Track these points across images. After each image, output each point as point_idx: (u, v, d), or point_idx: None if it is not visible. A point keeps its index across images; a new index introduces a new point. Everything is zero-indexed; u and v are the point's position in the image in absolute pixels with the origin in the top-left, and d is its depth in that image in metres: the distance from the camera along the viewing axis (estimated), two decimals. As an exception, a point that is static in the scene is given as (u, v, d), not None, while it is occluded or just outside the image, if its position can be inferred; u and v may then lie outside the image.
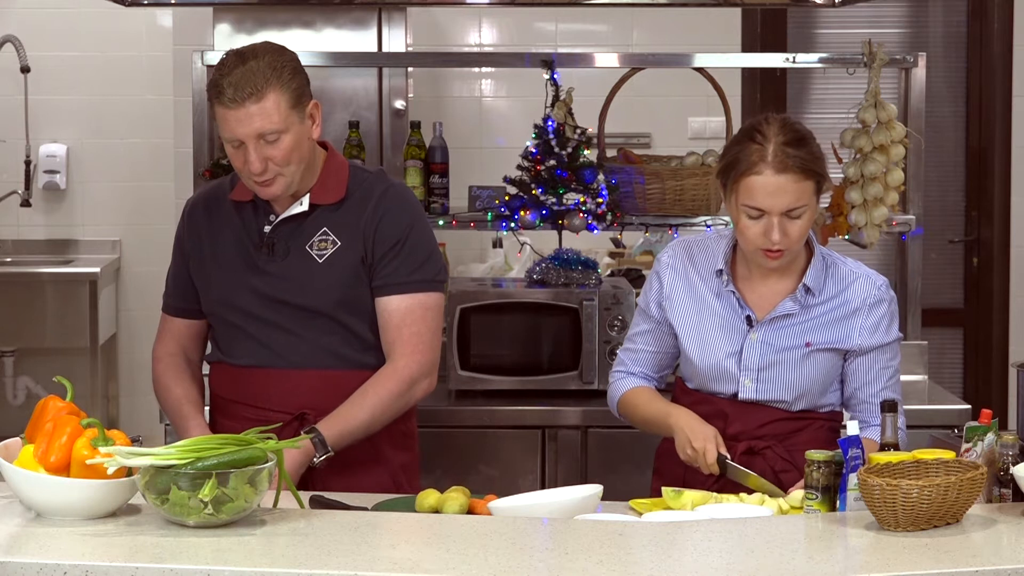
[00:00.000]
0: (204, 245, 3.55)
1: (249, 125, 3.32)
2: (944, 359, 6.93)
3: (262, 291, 3.47)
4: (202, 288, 3.56)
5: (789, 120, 3.34)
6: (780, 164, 3.25)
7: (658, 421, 3.45)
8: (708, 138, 6.68)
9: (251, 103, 3.30)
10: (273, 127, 3.33)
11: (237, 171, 3.43)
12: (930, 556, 2.60)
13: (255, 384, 3.49)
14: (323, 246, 3.47)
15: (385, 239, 3.46)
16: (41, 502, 2.77)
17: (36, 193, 7.06)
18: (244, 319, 3.50)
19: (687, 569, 2.60)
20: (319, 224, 3.48)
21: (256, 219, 3.51)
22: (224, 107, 3.32)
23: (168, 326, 3.65)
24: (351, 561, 2.55)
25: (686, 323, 3.47)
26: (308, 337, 3.47)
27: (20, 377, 6.99)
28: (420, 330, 3.48)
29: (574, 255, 4.58)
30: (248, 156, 3.34)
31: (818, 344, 3.40)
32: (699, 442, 3.31)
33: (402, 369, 3.46)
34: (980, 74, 6.94)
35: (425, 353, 3.48)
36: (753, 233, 3.30)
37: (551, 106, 4.59)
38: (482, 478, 4.28)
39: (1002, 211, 6.95)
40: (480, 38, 7.07)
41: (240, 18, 6.24)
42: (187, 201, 3.68)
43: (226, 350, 3.55)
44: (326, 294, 3.45)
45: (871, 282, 3.42)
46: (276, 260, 3.48)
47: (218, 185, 3.65)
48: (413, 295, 3.48)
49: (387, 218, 3.47)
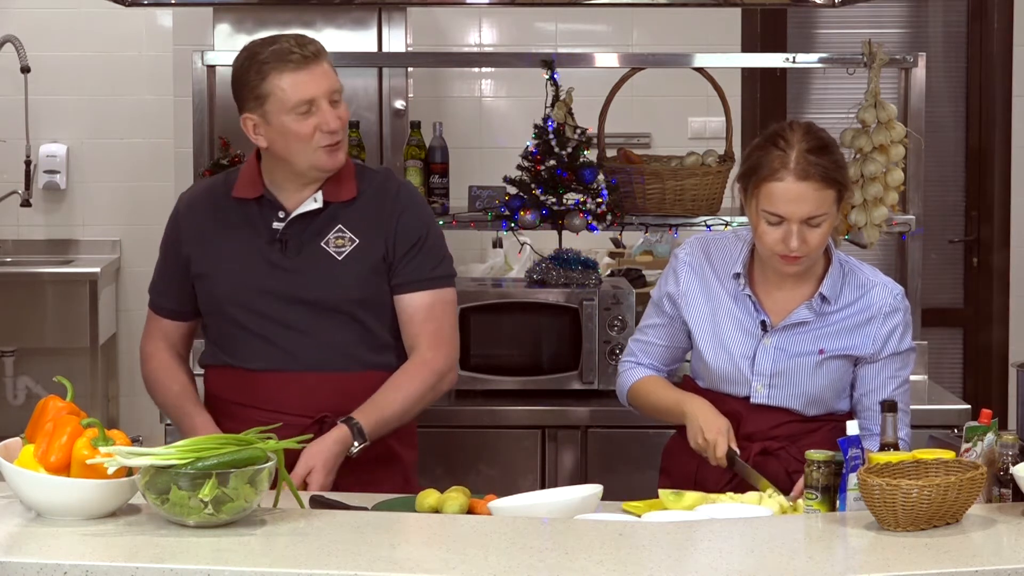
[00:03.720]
0: (208, 243, 3.51)
1: (324, 80, 3.37)
2: (944, 359, 6.93)
3: (275, 289, 3.45)
4: (205, 288, 3.52)
5: (813, 127, 3.32)
6: (802, 171, 3.23)
7: (671, 409, 3.43)
8: (708, 138, 6.68)
9: (322, 60, 3.38)
10: (339, 86, 3.40)
11: (301, 141, 3.38)
12: (930, 556, 2.60)
13: (268, 387, 3.46)
14: (340, 243, 3.46)
15: (407, 237, 3.47)
16: (41, 502, 2.77)
17: (36, 193, 7.06)
18: (253, 319, 3.46)
19: (687, 569, 2.60)
20: (333, 221, 3.47)
21: (263, 216, 3.48)
22: (294, 69, 3.34)
23: (157, 324, 3.62)
24: (351, 561, 2.55)
25: (701, 322, 3.46)
26: (323, 337, 3.44)
27: (20, 377, 7.00)
28: (443, 325, 3.51)
29: (574, 255, 4.58)
30: (324, 115, 3.36)
31: (831, 351, 3.39)
32: (711, 433, 3.30)
33: (431, 361, 3.47)
34: (980, 74, 6.94)
35: (450, 346, 3.52)
36: (772, 239, 3.28)
37: (551, 106, 4.59)
38: (482, 478, 4.28)
39: (1002, 211, 6.94)
40: (480, 38, 7.07)
41: (240, 18, 6.24)
42: (179, 199, 3.64)
43: (232, 352, 3.50)
44: (347, 291, 3.44)
45: (888, 291, 3.41)
46: (290, 257, 3.46)
47: (211, 184, 3.62)
48: (435, 291, 3.50)
49: (406, 216, 3.48)
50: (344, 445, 3.37)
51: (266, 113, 3.38)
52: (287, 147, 3.40)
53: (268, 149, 3.44)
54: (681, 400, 3.42)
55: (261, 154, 3.51)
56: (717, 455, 3.29)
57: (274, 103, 3.37)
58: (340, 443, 3.36)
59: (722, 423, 3.32)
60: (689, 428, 3.35)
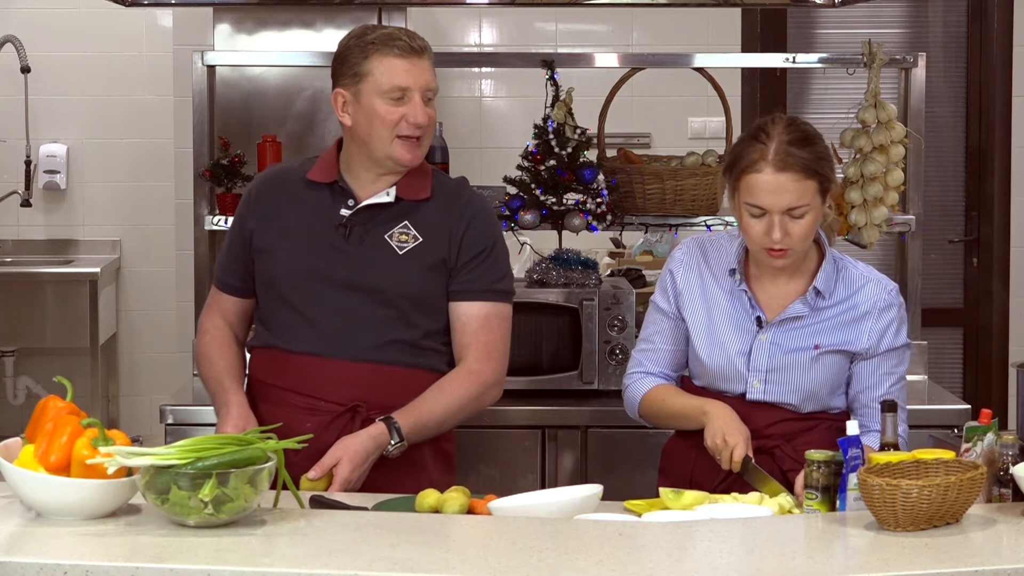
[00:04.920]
0: (273, 219, 3.51)
1: (423, 75, 3.41)
2: (944, 359, 6.93)
3: (330, 272, 3.44)
4: (263, 263, 3.51)
5: (796, 120, 3.34)
6: (781, 163, 3.25)
7: (690, 413, 3.41)
8: (708, 138, 6.69)
9: (426, 56, 3.42)
10: (435, 85, 3.45)
11: (385, 126, 3.41)
12: (930, 556, 2.60)
13: (305, 371, 3.45)
14: (404, 239, 3.46)
15: (473, 245, 3.48)
16: (41, 502, 2.77)
17: (36, 193, 7.07)
18: (303, 300, 3.45)
19: (687, 569, 2.61)
20: (401, 217, 3.47)
21: (333, 202, 3.49)
22: (398, 55, 3.38)
23: (217, 300, 3.62)
24: (351, 561, 2.55)
25: (697, 320, 3.46)
26: (367, 327, 3.43)
27: (20, 377, 7.00)
28: (495, 338, 3.51)
29: (574, 255, 4.58)
30: (415, 107, 3.39)
31: (827, 346, 3.39)
32: (733, 436, 3.29)
33: (478, 373, 3.47)
34: (980, 74, 6.94)
35: (499, 361, 3.52)
36: (756, 232, 3.30)
37: (551, 106, 4.59)
38: (482, 478, 4.28)
39: (1002, 211, 6.95)
40: (480, 38, 7.07)
41: (240, 18, 6.24)
42: (255, 178, 3.69)
43: (277, 332, 3.49)
44: (401, 284, 3.44)
45: (881, 287, 3.42)
46: (351, 244, 3.46)
47: (287, 166, 3.66)
48: (493, 303, 3.51)
49: (475, 224, 3.49)
50: (378, 443, 3.35)
51: (359, 92, 3.41)
52: (370, 129, 3.42)
53: (351, 129, 3.46)
54: (702, 403, 3.41)
55: (342, 142, 3.54)
56: (734, 459, 3.28)
57: (370, 83, 3.40)
58: (374, 440, 3.35)
59: (744, 429, 3.31)
60: (709, 428, 3.34)
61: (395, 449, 3.37)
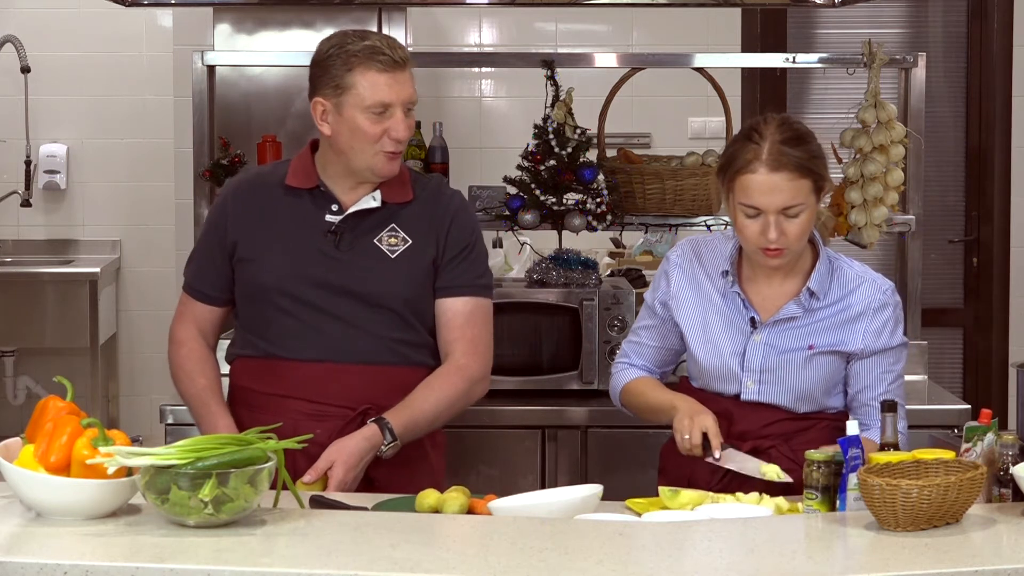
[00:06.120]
0: (256, 228, 3.50)
1: (405, 89, 3.40)
2: (944, 359, 6.93)
3: (325, 279, 3.44)
4: (249, 273, 3.49)
5: (789, 119, 3.35)
6: (774, 162, 3.26)
7: (662, 408, 3.44)
8: (708, 138, 6.69)
9: (407, 68, 3.41)
10: (415, 97, 3.43)
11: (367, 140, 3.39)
12: (930, 556, 2.60)
13: (311, 378, 3.44)
14: (394, 243, 3.47)
15: (456, 242, 3.49)
16: (41, 502, 2.77)
17: (36, 193, 7.07)
18: (300, 307, 3.45)
19: (687, 569, 2.61)
20: (387, 221, 3.48)
21: (316, 207, 3.48)
22: (381, 70, 3.36)
23: (190, 308, 3.59)
24: (351, 561, 2.55)
25: (691, 321, 3.47)
26: (370, 330, 3.44)
27: (20, 377, 7.01)
28: (480, 333, 3.52)
29: (574, 255, 4.58)
30: (396, 122, 3.38)
31: (821, 347, 3.39)
32: (699, 416, 3.31)
33: (465, 368, 3.48)
34: (980, 74, 6.94)
35: (485, 356, 3.53)
36: (751, 232, 3.30)
37: (551, 106, 4.59)
38: (482, 478, 4.28)
39: (1002, 211, 6.95)
40: (480, 38, 7.07)
41: (240, 18, 6.24)
42: (227, 184, 3.65)
43: (273, 341, 3.47)
44: (396, 289, 3.45)
45: (876, 286, 3.42)
46: (343, 250, 3.46)
47: (260, 171, 3.63)
48: (476, 299, 3.52)
49: (457, 222, 3.51)
50: (372, 443, 3.35)
51: (341, 104, 3.39)
52: (351, 142, 3.41)
53: (330, 139, 3.44)
54: (673, 397, 3.43)
55: (316, 147, 3.53)
56: (693, 443, 3.28)
57: (352, 97, 3.38)
58: (368, 441, 3.35)
59: (706, 417, 3.32)
60: (676, 417, 3.35)
61: (388, 449, 3.37)
